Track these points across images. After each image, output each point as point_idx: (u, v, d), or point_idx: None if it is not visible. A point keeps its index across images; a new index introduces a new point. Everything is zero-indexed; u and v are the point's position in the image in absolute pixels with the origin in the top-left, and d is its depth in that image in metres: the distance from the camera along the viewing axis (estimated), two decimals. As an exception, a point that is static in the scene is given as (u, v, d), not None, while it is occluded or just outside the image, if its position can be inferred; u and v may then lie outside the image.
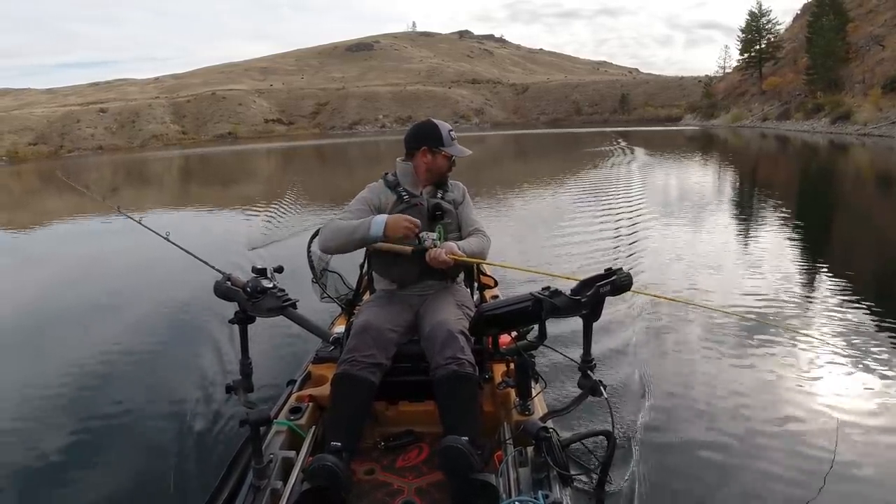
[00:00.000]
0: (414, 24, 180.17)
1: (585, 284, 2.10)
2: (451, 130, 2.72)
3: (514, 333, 2.36)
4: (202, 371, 3.96)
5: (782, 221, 9.37)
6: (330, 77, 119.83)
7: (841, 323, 4.43)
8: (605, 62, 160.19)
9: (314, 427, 2.43)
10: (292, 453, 2.22)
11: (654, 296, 4.35)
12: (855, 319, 4.48)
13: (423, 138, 2.70)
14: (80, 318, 5.54)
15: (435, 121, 2.75)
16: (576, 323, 2.23)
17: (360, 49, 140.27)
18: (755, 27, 57.86)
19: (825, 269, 6.22)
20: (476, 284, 2.98)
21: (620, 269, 2.11)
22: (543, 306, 2.07)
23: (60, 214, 14.10)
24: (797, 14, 58.71)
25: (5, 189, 27.16)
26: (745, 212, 10.63)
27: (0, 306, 6.08)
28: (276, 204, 12.08)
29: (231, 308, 2.15)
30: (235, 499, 2.03)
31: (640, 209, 9.91)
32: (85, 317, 5.58)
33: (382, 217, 2.48)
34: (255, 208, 11.95)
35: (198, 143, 72.06)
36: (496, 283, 3.28)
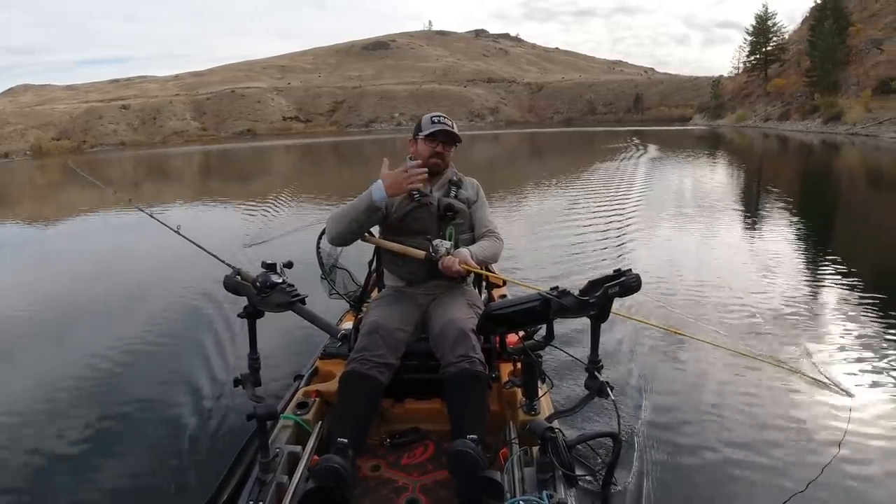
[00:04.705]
0: (430, 23, 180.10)
1: (594, 285, 2.07)
2: (435, 116, 2.68)
3: (521, 333, 2.34)
4: (210, 365, 4.00)
5: (778, 213, 9.98)
6: (347, 75, 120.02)
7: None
8: (620, 61, 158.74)
9: (320, 422, 2.44)
10: (298, 448, 2.22)
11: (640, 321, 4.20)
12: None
13: (414, 133, 2.74)
14: (88, 311, 5.59)
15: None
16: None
17: (377, 48, 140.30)
18: (761, 29, 58.34)
19: (825, 266, 6.25)
20: (484, 283, 2.97)
21: (629, 269, 2.07)
22: (551, 306, 2.05)
23: (72, 207, 14.31)
24: (805, 16, 58.63)
25: (26, 182, 27.55)
26: (746, 203, 11.34)
27: (9, 299, 6.15)
28: (281, 200, 12.21)
29: (240, 302, 2.16)
30: (241, 492, 2.03)
31: (649, 201, 10.70)
32: (93, 309, 5.63)
33: (379, 181, 2.39)
34: (262, 204, 11.99)
35: (217, 140, 72.75)
36: (504, 283, 3.27)
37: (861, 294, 5.09)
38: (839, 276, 5.70)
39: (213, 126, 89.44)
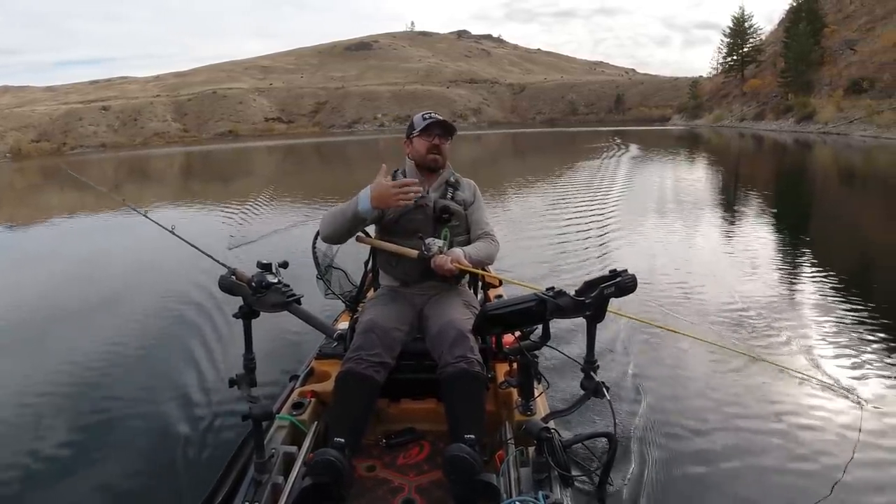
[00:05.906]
0: (412, 24, 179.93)
1: (590, 285, 2.09)
2: (425, 113, 2.69)
3: (517, 333, 2.35)
4: (205, 365, 3.97)
5: (757, 210, 10.35)
6: (329, 76, 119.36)
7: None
8: (601, 62, 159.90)
9: (316, 422, 2.44)
10: (294, 448, 2.22)
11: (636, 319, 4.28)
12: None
13: (407, 133, 2.72)
14: (81, 313, 5.52)
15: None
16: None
17: (360, 48, 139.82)
18: (738, 31, 59.00)
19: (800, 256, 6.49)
20: (480, 283, 2.96)
21: (625, 270, 2.09)
22: (547, 307, 2.06)
23: (63, 209, 14.26)
24: (782, 18, 59.23)
25: (11, 185, 27.14)
26: (730, 200, 11.80)
27: (4, 301, 6.07)
28: (263, 201, 12.22)
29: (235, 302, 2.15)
30: (236, 493, 2.02)
31: (633, 198, 11.15)
32: (86, 311, 5.56)
33: (368, 188, 2.39)
34: (244, 205, 11.91)
35: (199, 141, 72.01)
36: (500, 283, 3.27)
37: (856, 294, 5.09)
38: (821, 274, 5.80)
39: (194, 127, 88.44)
